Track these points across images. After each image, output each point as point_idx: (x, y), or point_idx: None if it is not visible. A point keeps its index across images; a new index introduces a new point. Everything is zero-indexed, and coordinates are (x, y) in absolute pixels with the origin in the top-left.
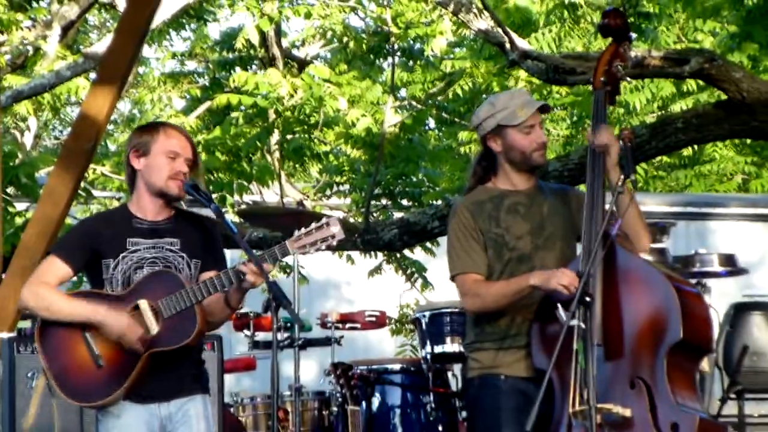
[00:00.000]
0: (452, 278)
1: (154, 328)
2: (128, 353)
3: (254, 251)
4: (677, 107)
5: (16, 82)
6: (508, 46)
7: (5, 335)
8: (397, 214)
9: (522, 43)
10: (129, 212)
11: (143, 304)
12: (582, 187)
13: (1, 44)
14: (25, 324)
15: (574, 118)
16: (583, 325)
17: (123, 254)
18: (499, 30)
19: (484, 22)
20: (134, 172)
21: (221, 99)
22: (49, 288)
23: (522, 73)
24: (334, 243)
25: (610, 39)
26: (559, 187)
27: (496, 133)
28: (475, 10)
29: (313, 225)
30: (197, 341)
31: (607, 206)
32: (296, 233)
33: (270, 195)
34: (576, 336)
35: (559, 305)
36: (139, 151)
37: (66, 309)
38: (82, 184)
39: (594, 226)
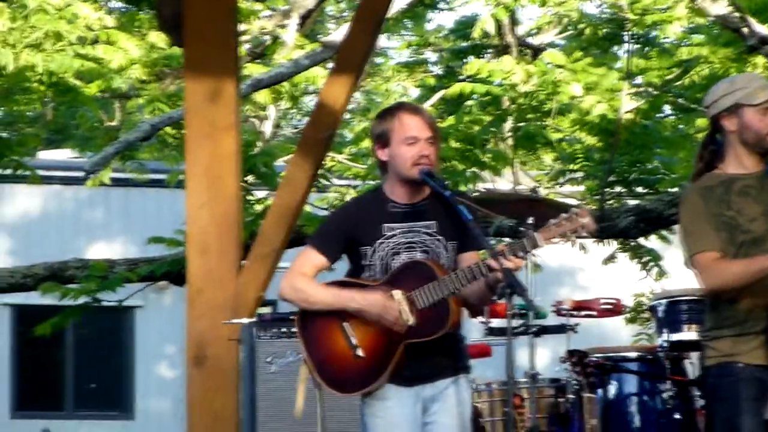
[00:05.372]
0: (690, 258)
1: (410, 318)
2: (386, 344)
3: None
4: None
5: (255, 71)
6: (745, 31)
7: (246, 321)
8: (632, 202)
9: (760, 29)
10: (384, 195)
11: (398, 294)
12: None
13: (241, 34)
14: (265, 310)
15: None
16: None
17: (380, 241)
18: (737, 15)
19: (721, 8)
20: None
21: (455, 88)
22: (306, 279)
23: (761, 59)
24: (585, 234)
25: None
26: None
27: (732, 112)
28: None
29: (563, 215)
30: (453, 328)
31: None
32: (546, 224)
33: (503, 183)
34: None
35: None
36: (381, 143)
37: (323, 299)
38: (320, 172)
39: None
